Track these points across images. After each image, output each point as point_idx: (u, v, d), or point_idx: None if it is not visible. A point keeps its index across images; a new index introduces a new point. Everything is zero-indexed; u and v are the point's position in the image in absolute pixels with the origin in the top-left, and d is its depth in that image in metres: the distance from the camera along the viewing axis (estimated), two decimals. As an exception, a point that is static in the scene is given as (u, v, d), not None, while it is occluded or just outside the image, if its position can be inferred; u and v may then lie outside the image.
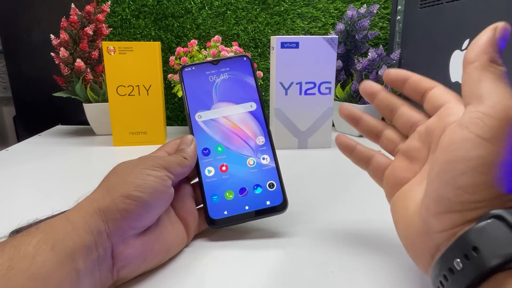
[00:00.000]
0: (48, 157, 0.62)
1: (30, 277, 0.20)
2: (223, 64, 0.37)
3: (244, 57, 0.38)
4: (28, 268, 0.21)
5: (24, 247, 0.22)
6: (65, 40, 0.69)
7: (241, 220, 0.35)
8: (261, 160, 0.36)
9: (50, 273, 0.21)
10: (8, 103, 1.01)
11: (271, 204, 0.35)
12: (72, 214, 0.25)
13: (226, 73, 0.37)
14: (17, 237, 0.23)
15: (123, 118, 0.67)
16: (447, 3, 0.55)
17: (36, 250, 0.22)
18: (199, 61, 0.38)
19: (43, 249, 0.22)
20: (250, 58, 0.38)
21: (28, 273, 0.20)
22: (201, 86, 0.37)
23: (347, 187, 0.48)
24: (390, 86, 0.30)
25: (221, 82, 0.37)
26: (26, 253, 0.21)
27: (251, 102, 0.37)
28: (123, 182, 0.28)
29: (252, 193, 0.35)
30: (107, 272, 0.26)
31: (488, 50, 0.22)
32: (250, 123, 0.37)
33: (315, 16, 0.84)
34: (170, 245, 0.31)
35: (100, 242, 0.25)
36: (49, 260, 0.22)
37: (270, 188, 0.35)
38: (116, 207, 0.26)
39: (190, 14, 0.83)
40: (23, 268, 0.20)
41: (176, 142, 0.35)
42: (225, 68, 0.37)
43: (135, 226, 0.27)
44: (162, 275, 0.30)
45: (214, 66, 0.37)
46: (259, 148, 0.36)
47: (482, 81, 0.22)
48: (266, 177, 0.35)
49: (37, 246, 0.22)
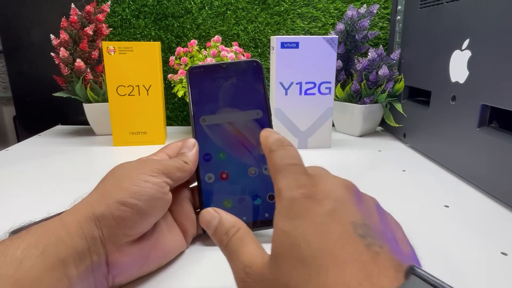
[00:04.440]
0: (48, 157, 0.62)
1: (15, 283, 0.20)
2: (232, 68, 0.36)
3: (255, 62, 0.36)
4: (13, 273, 0.20)
5: (12, 251, 0.21)
6: (65, 40, 0.69)
7: None
8: (263, 170, 0.35)
9: (38, 279, 0.21)
10: (8, 103, 1.01)
11: (270, 217, 0.34)
12: (66, 217, 0.25)
13: (234, 77, 0.36)
14: (6, 240, 0.22)
15: (123, 118, 0.67)
16: (447, 3, 0.55)
17: (24, 254, 0.21)
18: (208, 63, 0.37)
19: (32, 254, 0.21)
20: (260, 63, 0.36)
21: (13, 279, 0.20)
22: (208, 88, 0.36)
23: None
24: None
25: (229, 86, 0.36)
26: (13, 258, 0.21)
27: (257, 109, 0.35)
28: (119, 187, 0.27)
29: (251, 203, 0.34)
30: (102, 279, 0.25)
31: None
32: (255, 131, 0.35)
33: (315, 16, 0.84)
34: (167, 251, 0.30)
35: (94, 248, 0.24)
36: (38, 265, 0.21)
37: (270, 200, 0.34)
38: (111, 214, 0.25)
39: (190, 14, 0.83)
40: (8, 274, 0.20)
41: (177, 145, 0.34)
42: (234, 72, 0.36)
43: (130, 234, 0.27)
44: (160, 278, 0.29)
45: (223, 69, 0.36)
46: (262, 158, 0.35)
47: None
48: (266, 188, 0.35)
49: (25, 250, 0.21)
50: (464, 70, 0.50)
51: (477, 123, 0.48)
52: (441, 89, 0.57)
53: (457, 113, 0.52)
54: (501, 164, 0.44)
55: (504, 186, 0.43)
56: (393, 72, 0.71)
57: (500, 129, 0.46)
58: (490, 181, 0.46)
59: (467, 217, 0.41)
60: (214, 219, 0.24)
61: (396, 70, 0.72)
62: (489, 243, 0.35)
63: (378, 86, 0.72)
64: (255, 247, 0.22)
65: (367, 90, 0.71)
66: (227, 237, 0.23)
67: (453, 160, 0.54)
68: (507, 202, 0.43)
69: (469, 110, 0.50)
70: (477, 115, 0.48)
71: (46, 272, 0.21)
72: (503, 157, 0.43)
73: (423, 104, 0.64)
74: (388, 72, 0.70)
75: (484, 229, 0.38)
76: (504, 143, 0.43)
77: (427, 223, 0.39)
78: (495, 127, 0.47)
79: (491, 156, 0.45)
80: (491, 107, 0.47)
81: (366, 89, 0.71)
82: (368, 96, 0.72)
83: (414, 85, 0.68)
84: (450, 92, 0.54)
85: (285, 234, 0.20)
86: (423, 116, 0.63)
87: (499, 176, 0.44)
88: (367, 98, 0.72)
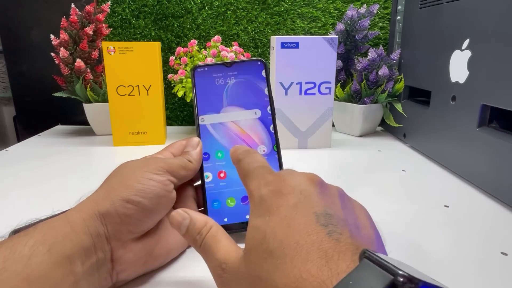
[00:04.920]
0: (48, 157, 0.62)
1: (25, 279, 0.20)
2: (236, 67, 0.36)
3: (259, 61, 0.36)
4: (22, 270, 0.20)
5: (20, 248, 0.21)
6: (65, 40, 0.69)
7: (240, 229, 0.34)
8: None
9: (46, 275, 0.21)
10: (8, 103, 1.01)
11: None
12: (72, 215, 0.25)
13: (238, 76, 0.36)
14: (14, 237, 0.22)
15: (123, 118, 0.67)
16: (447, 3, 0.55)
17: (32, 251, 0.21)
18: (213, 62, 0.37)
19: (40, 250, 0.21)
20: (264, 62, 0.36)
21: (23, 275, 0.20)
22: (212, 87, 0.36)
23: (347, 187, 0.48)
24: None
25: (233, 85, 0.36)
26: (21, 255, 0.21)
27: (261, 108, 0.36)
28: (124, 185, 0.27)
29: None
30: (106, 275, 0.26)
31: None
32: (259, 130, 0.36)
33: (315, 16, 0.84)
34: (170, 248, 0.31)
35: (99, 245, 0.25)
36: (45, 261, 0.21)
37: None
38: (116, 211, 0.26)
39: (190, 14, 0.83)
40: (17, 270, 0.20)
41: (182, 144, 0.34)
42: (238, 71, 0.36)
43: (135, 231, 0.27)
44: (163, 276, 0.30)
45: (227, 68, 0.36)
46: (266, 157, 0.35)
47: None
48: None
49: (33, 247, 0.22)
50: (464, 70, 0.50)
51: (477, 123, 0.48)
52: (441, 89, 0.57)
53: (457, 113, 0.52)
54: (501, 164, 0.44)
55: (504, 186, 0.43)
56: (393, 72, 0.71)
57: (500, 129, 0.46)
58: (490, 181, 0.46)
59: (467, 217, 0.41)
60: (185, 220, 0.25)
61: (396, 70, 0.72)
62: (489, 243, 0.35)
63: (378, 86, 0.72)
64: (228, 243, 0.23)
65: (367, 90, 0.71)
66: (200, 236, 0.24)
67: (453, 160, 0.54)
68: (507, 202, 0.43)
69: (469, 110, 0.50)
70: (477, 115, 0.48)
71: (53, 269, 0.21)
72: (503, 157, 0.43)
73: (423, 104, 0.64)
74: (388, 72, 0.70)
75: (484, 229, 0.38)
76: (504, 143, 0.43)
77: (427, 223, 0.39)
78: (495, 127, 0.47)
79: (491, 156, 0.45)
80: (491, 107, 0.47)
81: (366, 89, 0.71)
82: (368, 96, 0.72)
83: (414, 85, 0.68)
84: (450, 92, 0.54)
85: (255, 229, 0.21)
86: (423, 116, 0.63)
87: (499, 176, 0.44)
88: (367, 98, 0.72)
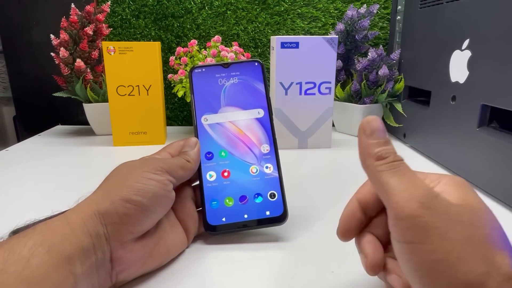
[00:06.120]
0: (48, 157, 0.62)
1: (24, 281, 0.20)
2: (233, 68, 0.37)
3: (256, 62, 0.37)
4: (22, 271, 0.20)
5: (19, 249, 0.21)
6: (65, 40, 0.69)
7: (239, 228, 0.34)
8: (264, 168, 0.35)
9: (45, 276, 0.21)
10: (8, 103, 1.01)
11: (271, 215, 0.34)
12: (71, 215, 0.25)
13: (236, 77, 0.37)
14: (13, 238, 0.22)
15: (123, 118, 0.67)
16: (447, 3, 0.55)
17: (32, 252, 0.21)
18: (210, 63, 0.37)
19: (39, 252, 0.21)
20: (261, 63, 0.37)
21: (22, 276, 0.20)
22: (210, 88, 0.36)
23: (347, 187, 0.48)
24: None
25: (230, 86, 0.36)
26: (20, 256, 0.21)
27: (259, 108, 0.36)
28: (124, 185, 0.27)
29: (252, 201, 0.34)
30: (105, 276, 0.26)
31: (370, 151, 0.22)
32: (256, 130, 0.36)
33: (315, 16, 0.84)
34: (170, 248, 0.31)
35: (99, 246, 0.25)
36: (45, 263, 0.21)
37: (271, 198, 0.35)
38: (116, 211, 0.26)
39: (190, 14, 0.83)
40: (16, 272, 0.20)
41: (179, 144, 0.34)
42: (235, 72, 0.37)
43: (134, 231, 0.27)
44: (162, 276, 0.30)
45: (224, 69, 0.37)
46: (263, 156, 0.35)
47: (380, 185, 0.21)
48: (268, 186, 0.35)
49: (32, 248, 0.21)
50: (464, 70, 0.50)
51: (477, 123, 0.48)
52: (441, 89, 0.57)
53: (457, 113, 0.52)
54: (501, 164, 0.44)
55: (504, 186, 0.43)
56: (393, 72, 0.71)
57: (500, 129, 0.46)
58: (490, 181, 0.46)
59: (467, 217, 0.41)
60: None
61: (396, 70, 0.72)
62: (489, 243, 0.35)
63: (378, 86, 0.72)
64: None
65: (367, 90, 0.71)
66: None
67: (453, 160, 0.54)
68: (507, 202, 0.43)
69: (469, 110, 0.50)
70: (477, 115, 0.48)
71: (53, 270, 0.21)
72: (503, 157, 0.43)
73: (423, 104, 0.64)
74: (388, 72, 0.70)
75: (484, 229, 0.38)
76: (504, 143, 0.43)
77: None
78: (495, 127, 0.47)
79: (491, 156, 0.45)
80: (491, 107, 0.47)
81: (366, 89, 0.71)
82: (368, 96, 0.72)
83: (414, 85, 0.68)
84: (450, 92, 0.54)
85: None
86: (423, 116, 0.63)
87: (499, 176, 0.44)
88: (367, 98, 0.72)
